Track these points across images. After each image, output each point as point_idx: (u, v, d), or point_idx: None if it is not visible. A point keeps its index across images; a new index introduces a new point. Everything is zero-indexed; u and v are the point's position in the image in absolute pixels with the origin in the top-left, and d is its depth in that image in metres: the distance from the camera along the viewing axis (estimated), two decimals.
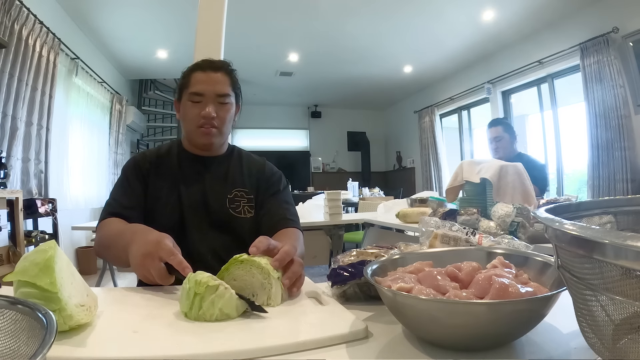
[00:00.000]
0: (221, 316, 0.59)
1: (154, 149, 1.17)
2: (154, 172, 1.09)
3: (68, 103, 4.13)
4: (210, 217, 1.07)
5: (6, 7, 2.85)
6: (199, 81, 1.07)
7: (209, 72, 1.07)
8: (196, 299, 0.59)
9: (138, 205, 1.05)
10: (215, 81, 1.07)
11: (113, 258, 0.99)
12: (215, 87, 1.06)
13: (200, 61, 1.11)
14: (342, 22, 4.42)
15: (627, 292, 0.31)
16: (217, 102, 1.07)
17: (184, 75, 1.11)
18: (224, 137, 1.13)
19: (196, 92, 1.06)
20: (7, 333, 0.40)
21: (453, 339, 0.48)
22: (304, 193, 5.83)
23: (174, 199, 1.07)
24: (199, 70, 1.08)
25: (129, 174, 1.09)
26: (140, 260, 0.74)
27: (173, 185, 1.08)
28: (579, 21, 4.01)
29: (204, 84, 1.06)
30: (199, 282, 0.60)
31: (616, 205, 0.53)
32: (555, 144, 4.57)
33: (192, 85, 1.07)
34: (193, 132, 1.09)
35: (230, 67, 1.12)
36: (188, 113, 1.08)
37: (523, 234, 1.32)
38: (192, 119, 1.07)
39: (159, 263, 0.72)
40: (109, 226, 0.98)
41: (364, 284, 0.70)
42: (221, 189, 1.10)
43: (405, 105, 7.72)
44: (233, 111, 1.13)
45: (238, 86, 1.15)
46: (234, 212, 1.09)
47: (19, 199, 2.57)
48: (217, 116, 1.07)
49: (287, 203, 1.14)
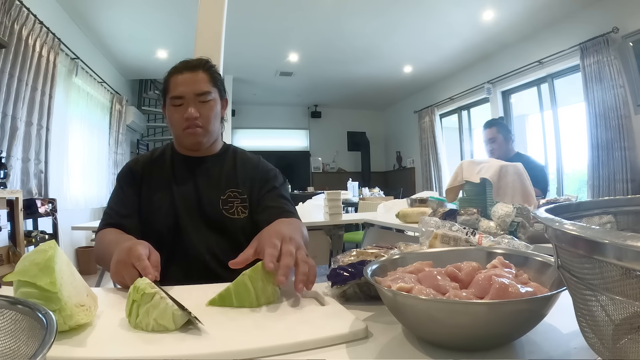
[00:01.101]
0: (157, 327, 0.54)
1: (147, 153, 1.18)
2: (147, 177, 1.10)
3: (68, 103, 4.13)
4: (204, 218, 1.07)
5: (6, 7, 2.85)
6: (178, 83, 1.07)
7: (185, 74, 1.07)
8: (134, 305, 0.56)
9: (134, 213, 1.06)
10: (194, 81, 1.06)
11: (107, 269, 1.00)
12: (193, 87, 1.06)
13: (177, 63, 1.11)
14: (342, 22, 4.42)
15: (627, 292, 0.31)
16: (198, 102, 1.07)
17: (164, 80, 1.11)
18: (212, 134, 1.12)
19: (176, 96, 1.06)
20: (7, 333, 0.40)
21: (453, 339, 0.48)
22: (304, 193, 5.83)
23: (168, 202, 1.07)
24: (176, 73, 1.08)
25: (122, 183, 1.10)
26: (115, 267, 0.76)
27: (167, 188, 1.09)
28: (579, 21, 4.01)
29: (182, 86, 1.06)
30: (137, 288, 0.57)
31: (616, 205, 0.53)
32: (555, 144, 4.58)
33: (172, 89, 1.07)
34: (180, 135, 1.10)
35: (209, 63, 1.11)
36: (172, 117, 1.09)
37: (523, 234, 1.32)
38: (176, 122, 1.08)
39: (131, 269, 0.73)
40: (104, 237, 1.00)
41: (364, 284, 0.70)
42: (214, 191, 1.10)
43: (405, 105, 7.71)
44: (218, 107, 1.12)
45: (220, 80, 1.14)
46: (227, 214, 1.08)
47: (19, 199, 2.57)
48: (200, 115, 1.06)
49: (284, 198, 1.13)
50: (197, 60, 1.11)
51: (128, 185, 1.09)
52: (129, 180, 1.10)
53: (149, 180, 1.10)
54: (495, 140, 2.57)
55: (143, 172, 1.10)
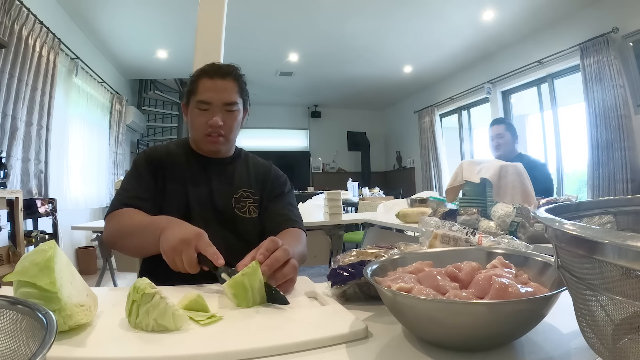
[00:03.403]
0: (157, 327, 0.55)
1: (163, 145, 1.17)
2: (164, 168, 1.09)
3: (68, 103, 4.13)
4: (216, 215, 1.08)
5: (6, 7, 2.84)
6: (207, 89, 1.05)
7: (216, 80, 1.06)
8: (134, 306, 0.56)
9: (151, 198, 1.04)
10: (223, 89, 1.05)
11: (133, 246, 0.98)
12: (222, 95, 1.05)
13: (207, 66, 1.09)
14: (342, 22, 4.42)
15: (627, 292, 0.31)
16: (225, 110, 1.06)
17: (191, 80, 1.10)
18: (231, 143, 1.15)
19: (203, 101, 1.05)
20: (7, 333, 0.40)
21: (453, 339, 0.48)
22: (304, 193, 5.82)
23: (181, 197, 1.07)
24: (206, 77, 1.06)
25: (140, 167, 1.08)
26: (177, 243, 0.76)
27: (181, 183, 1.09)
28: (579, 21, 4.01)
29: (211, 92, 1.05)
30: (137, 288, 0.57)
31: (616, 205, 0.53)
32: (555, 144, 4.57)
33: (200, 93, 1.06)
34: (200, 140, 1.10)
35: (239, 72, 1.11)
36: (195, 121, 1.08)
37: (523, 234, 1.32)
38: (199, 127, 1.07)
39: (193, 251, 0.75)
40: (127, 215, 0.97)
41: (364, 284, 0.70)
42: (227, 189, 1.11)
43: (405, 105, 7.71)
44: (240, 116, 1.13)
45: (246, 90, 1.14)
46: (239, 212, 1.10)
47: (19, 199, 2.57)
48: (225, 124, 1.06)
49: (291, 205, 1.16)
50: (227, 66, 1.10)
51: (147, 171, 1.07)
52: (147, 166, 1.08)
53: (164, 172, 1.09)
54: (503, 136, 2.60)
55: (161, 163, 1.09)
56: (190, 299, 0.63)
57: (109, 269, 2.98)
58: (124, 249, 1.01)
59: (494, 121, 2.74)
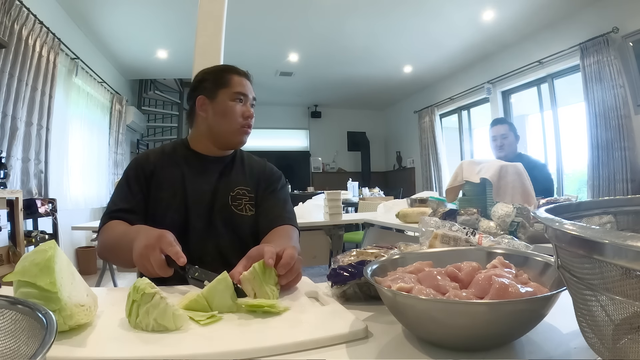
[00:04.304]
0: (157, 327, 0.55)
1: (157, 148, 1.18)
2: (158, 172, 1.10)
3: (68, 103, 4.13)
4: (214, 213, 1.09)
5: (6, 7, 2.84)
6: (240, 83, 1.14)
7: (243, 77, 1.15)
8: (134, 306, 0.56)
9: (138, 208, 1.06)
10: (250, 87, 1.16)
11: (117, 259, 1.02)
12: (251, 91, 1.16)
13: (230, 65, 1.18)
14: (342, 22, 4.42)
15: (627, 292, 0.31)
16: (251, 105, 1.16)
17: (217, 75, 1.15)
18: None
19: (242, 92, 1.13)
20: (7, 333, 0.40)
21: (453, 339, 0.48)
22: (304, 193, 5.82)
23: (179, 198, 1.08)
24: (236, 74, 1.15)
25: (129, 177, 1.09)
26: (142, 250, 0.76)
27: (178, 184, 1.09)
28: (579, 21, 4.01)
29: (244, 87, 1.14)
30: (137, 288, 0.57)
31: (616, 205, 0.53)
32: (555, 144, 4.57)
33: (236, 85, 1.12)
34: (234, 131, 1.13)
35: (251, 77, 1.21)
36: (231, 111, 1.11)
37: (523, 234, 1.32)
38: (237, 116, 1.12)
39: (159, 254, 0.75)
40: (111, 229, 1.00)
41: (364, 284, 0.70)
42: (224, 186, 1.12)
43: (405, 105, 7.71)
44: None
45: None
46: (236, 210, 1.11)
47: (19, 199, 2.57)
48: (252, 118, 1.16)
49: (284, 201, 1.17)
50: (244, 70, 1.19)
51: (135, 181, 1.08)
52: (137, 176, 1.09)
53: (159, 176, 1.10)
54: (507, 136, 2.60)
55: (154, 168, 1.10)
56: (190, 298, 0.63)
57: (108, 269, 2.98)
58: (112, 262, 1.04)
59: (496, 121, 2.72)
